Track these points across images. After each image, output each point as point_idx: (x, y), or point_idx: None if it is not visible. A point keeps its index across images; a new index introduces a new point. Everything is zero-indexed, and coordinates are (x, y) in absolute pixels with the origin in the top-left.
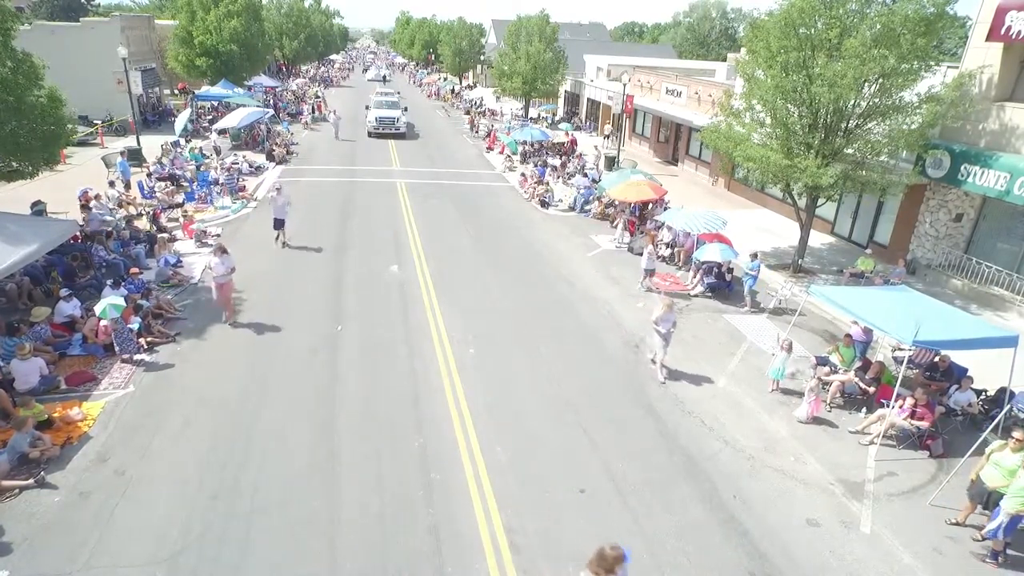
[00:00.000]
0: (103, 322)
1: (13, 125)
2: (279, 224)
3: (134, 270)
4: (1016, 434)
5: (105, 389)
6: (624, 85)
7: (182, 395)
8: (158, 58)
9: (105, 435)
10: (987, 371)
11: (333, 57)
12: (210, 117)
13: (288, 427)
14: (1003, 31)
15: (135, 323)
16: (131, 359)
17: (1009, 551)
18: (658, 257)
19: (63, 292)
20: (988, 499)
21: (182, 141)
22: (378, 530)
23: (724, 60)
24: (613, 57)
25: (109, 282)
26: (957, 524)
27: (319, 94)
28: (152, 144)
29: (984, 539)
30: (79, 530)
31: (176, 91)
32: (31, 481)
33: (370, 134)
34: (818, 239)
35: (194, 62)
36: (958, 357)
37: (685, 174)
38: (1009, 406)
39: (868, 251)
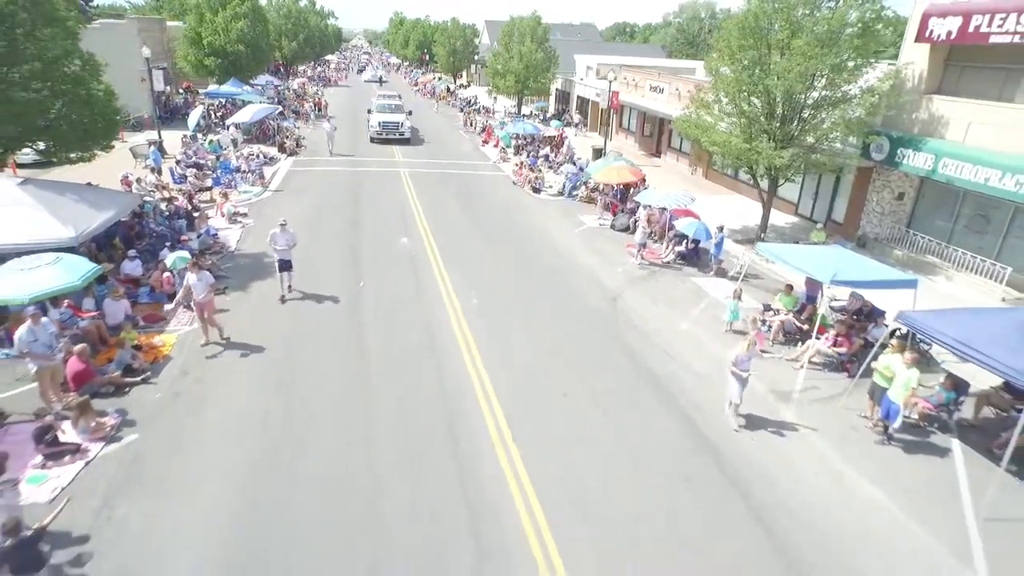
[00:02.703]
0: (166, 274)
1: (83, 115)
2: (285, 266)
3: (184, 237)
4: (893, 342)
5: (174, 327)
6: (610, 82)
7: (236, 330)
8: (168, 58)
9: (182, 357)
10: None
11: (328, 58)
12: (220, 113)
13: (324, 362)
14: (928, 34)
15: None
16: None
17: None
18: (648, 235)
19: (130, 253)
20: (876, 395)
21: (199, 135)
22: (403, 428)
23: None
24: (603, 57)
25: (167, 244)
26: (867, 417)
27: (320, 93)
28: (169, 138)
29: (878, 425)
30: (179, 417)
31: (180, 90)
32: (138, 379)
33: (372, 139)
34: (782, 218)
35: (203, 62)
36: (878, 301)
37: (667, 165)
38: (889, 327)
39: (819, 225)
